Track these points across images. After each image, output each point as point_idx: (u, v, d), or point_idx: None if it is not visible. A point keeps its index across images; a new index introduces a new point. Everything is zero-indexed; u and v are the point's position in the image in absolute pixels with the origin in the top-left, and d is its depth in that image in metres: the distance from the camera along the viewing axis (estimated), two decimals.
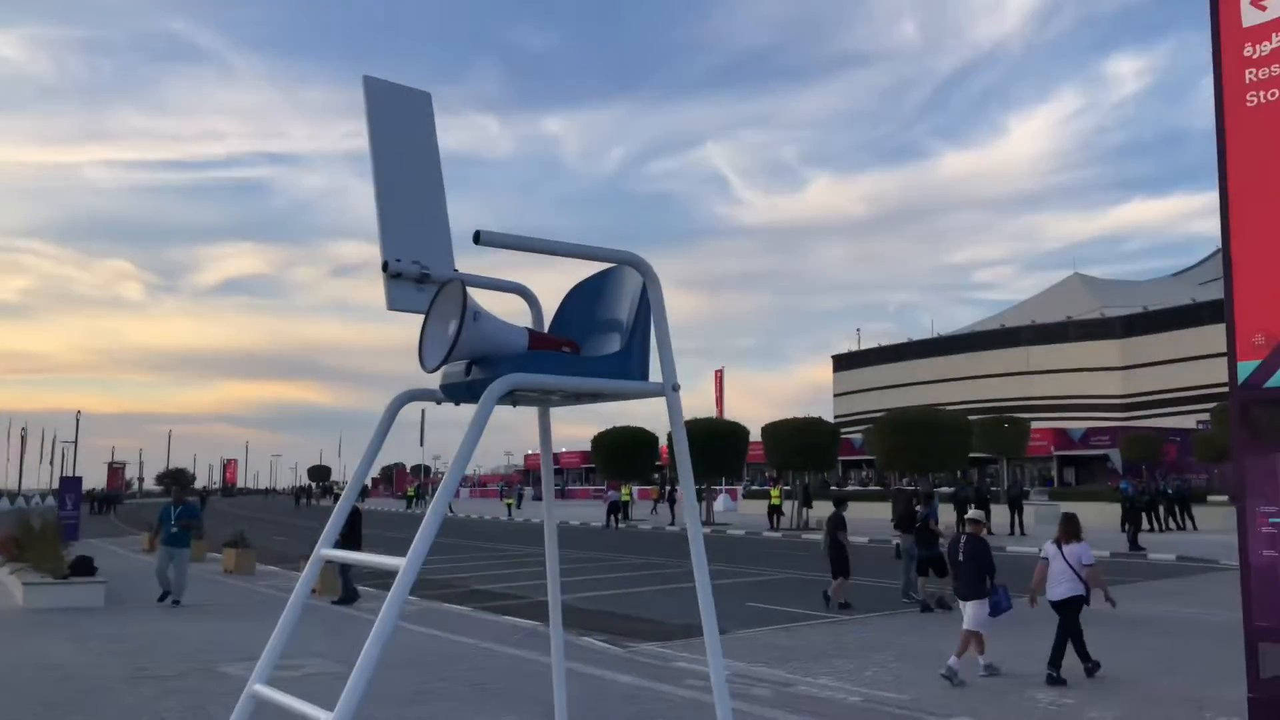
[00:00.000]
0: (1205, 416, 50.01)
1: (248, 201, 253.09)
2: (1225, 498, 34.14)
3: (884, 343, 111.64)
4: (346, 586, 15.69)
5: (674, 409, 2.93)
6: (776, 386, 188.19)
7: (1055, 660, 9.49)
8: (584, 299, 3.20)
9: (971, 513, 11.41)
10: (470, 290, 2.63)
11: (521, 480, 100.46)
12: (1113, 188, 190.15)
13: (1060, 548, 9.85)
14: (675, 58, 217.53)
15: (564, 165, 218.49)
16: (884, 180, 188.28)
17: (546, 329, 3.22)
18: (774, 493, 36.41)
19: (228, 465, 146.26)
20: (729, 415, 43.48)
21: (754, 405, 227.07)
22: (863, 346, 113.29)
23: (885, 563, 22.49)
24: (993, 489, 36.37)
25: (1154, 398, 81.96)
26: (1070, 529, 9.94)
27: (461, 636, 12.12)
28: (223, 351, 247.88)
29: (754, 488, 55.13)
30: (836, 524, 15.30)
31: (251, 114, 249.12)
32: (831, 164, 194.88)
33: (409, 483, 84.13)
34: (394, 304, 2.83)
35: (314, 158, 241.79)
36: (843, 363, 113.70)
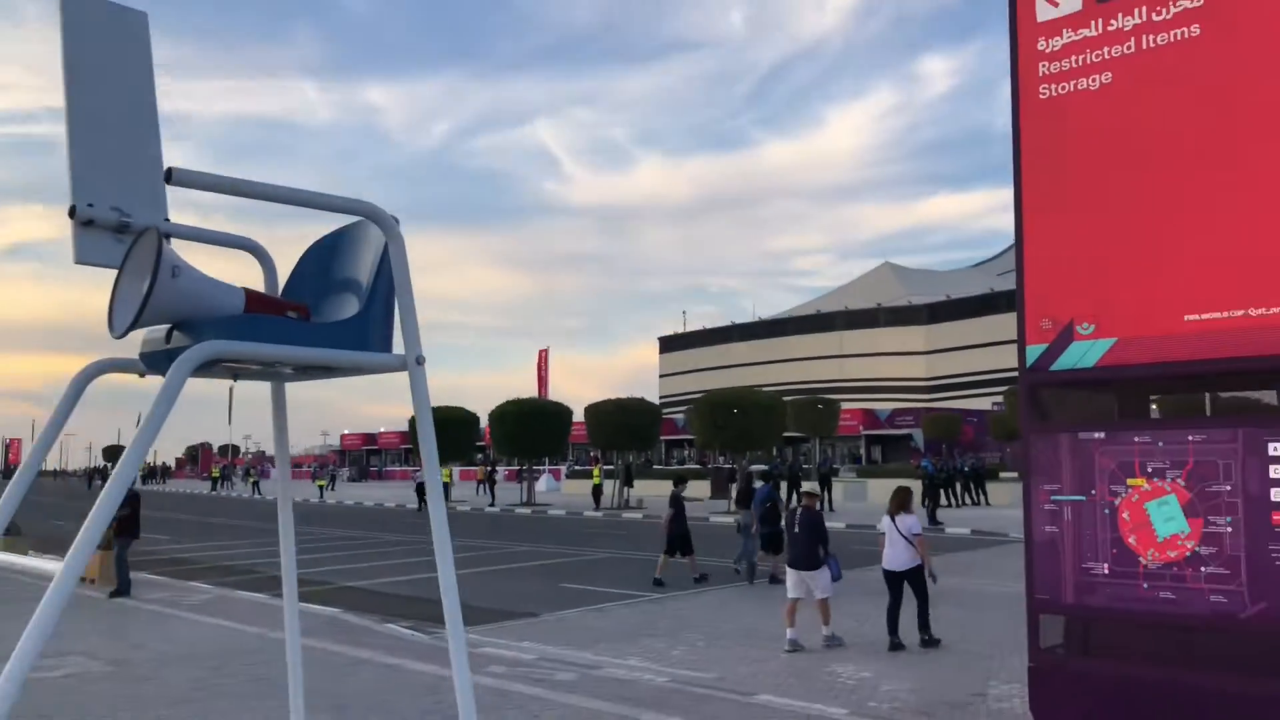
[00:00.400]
0: (1000, 399, 53.57)
1: (39, 160, 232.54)
2: (1015, 474, 36.58)
3: (708, 325, 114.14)
4: (121, 576, 14.44)
5: (417, 385, 2.58)
6: (604, 367, 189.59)
7: (924, 623, 9.99)
8: (320, 258, 2.79)
9: (806, 486, 11.85)
10: (179, 244, 2.20)
11: (337, 461, 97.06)
12: (922, 182, 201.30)
13: (894, 520, 10.18)
14: (505, 32, 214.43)
15: (386, 135, 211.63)
16: (711, 166, 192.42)
17: (281, 292, 2.78)
18: (595, 472, 36.42)
19: (10, 445, 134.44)
20: (556, 396, 43.19)
21: (582, 386, 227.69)
22: (688, 328, 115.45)
23: (700, 540, 22.82)
24: (804, 467, 37.68)
25: (955, 381, 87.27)
26: (900, 501, 10.31)
27: (251, 626, 11.34)
28: (9, 321, 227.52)
29: (577, 468, 55.11)
30: (675, 502, 15.73)
31: (44, 66, 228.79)
32: (660, 147, 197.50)
33: (215, 463, 79.62)
34: (82, 256, 2.36)
35: None
36: (669, 344, 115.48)
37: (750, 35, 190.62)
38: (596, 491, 34.88)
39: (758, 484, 16.83)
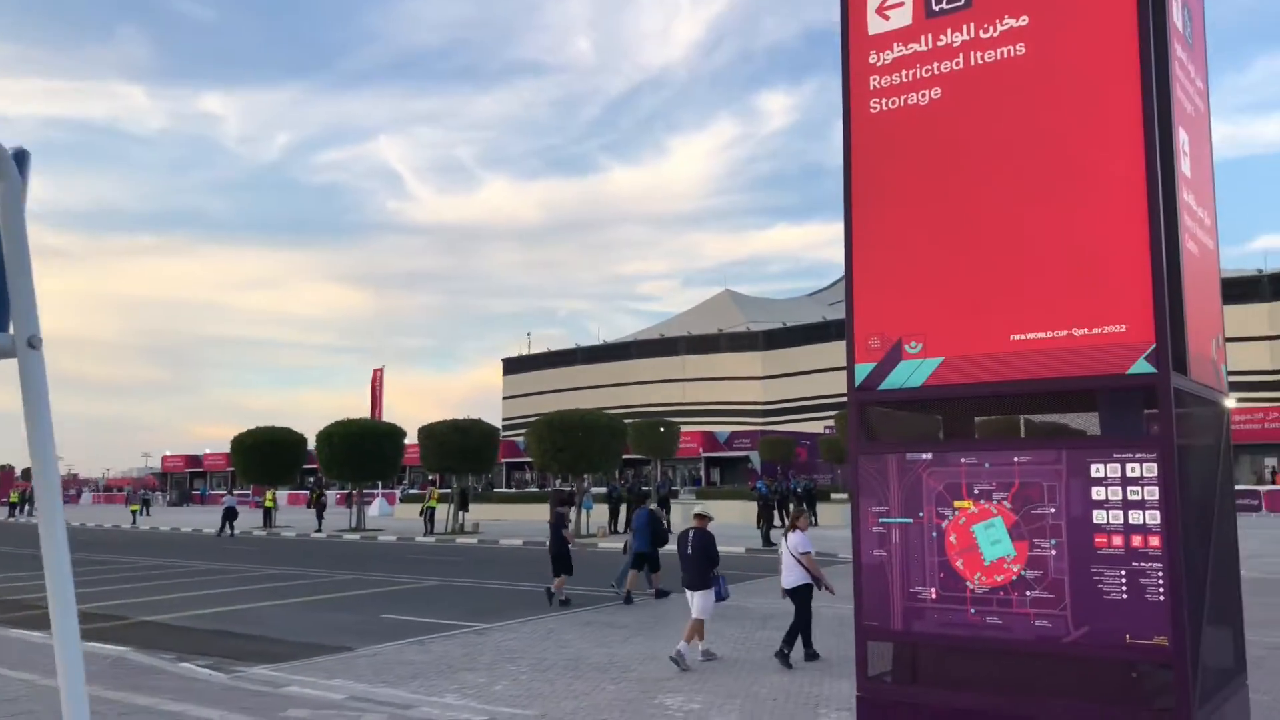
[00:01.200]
0: (831, 423, 55.18)
1: None
2: (847, 496, 37.54)
3: (553, 348, 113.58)
4: None
5: (30, 374, 1.90)
6: (446, 388, 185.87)
7: (789, 639, 10.15)
8: None
9: (698, 508, 12.02)
10: None
11: (157, 485, 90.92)
12: (760, 213, 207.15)
13: (785, 539, 10.57)
14: (349, 46, 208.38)
15: (221, 147, 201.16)
16: (558, 189, 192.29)
17: None
18: (433, 495, 35.19)
19: None
20: (393, 417, 41.48)
21: (423, 407, 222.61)
22: (533, 350, 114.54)
23: (531, 565, 22.21)
24: (644, 488, 37.55)
25: (790, 405, 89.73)
26: (793, 521, 10.72)
27: (19, 672, 10.04)
28: None
29: (412, 491, 53.26)
30: (559, 522, 16.05)
31: None
32: (507, 169, 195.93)
33: (15, 487, 72.99)
34: None
35: None
36: (512, 366, 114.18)
37: (598, 62, 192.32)
38: (429, 516, 33.64)
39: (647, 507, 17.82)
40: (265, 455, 37.82)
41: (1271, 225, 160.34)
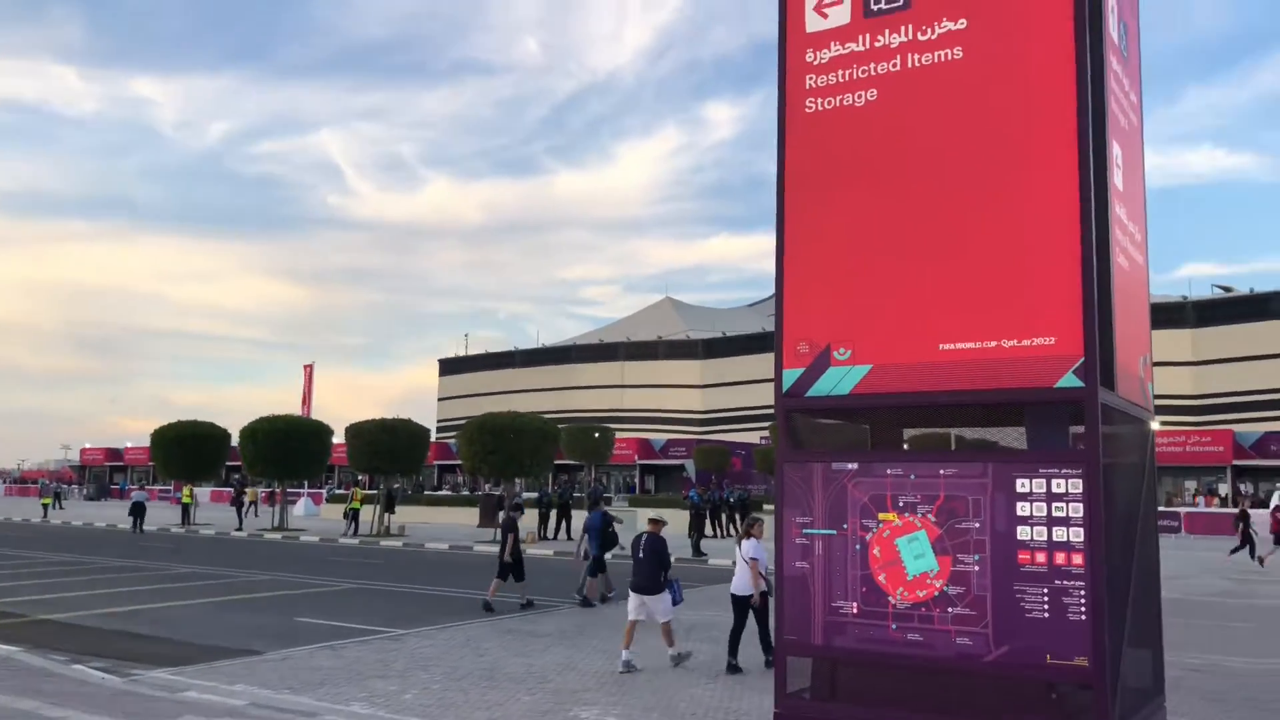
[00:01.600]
0: (766, 433, 55.43)
1: None
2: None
3: (492, 349, 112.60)
4: None
5: None
6: (382, 387, 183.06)
7: (765, 645, 10.18)
8: None
9: (652, 514, 12.07)
10: None
11: (74, 477, 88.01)
12: (704, 222, 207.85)
13: (739, 546, 10.69)
14: (292, 36, 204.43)
15: (156, 132, 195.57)
16: (502, 190, 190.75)
17: None
18: (357, 494, 34.40)
19: None
20: (326, 415, 40.30)
21: (357, 406, 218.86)
22: (470, 352, 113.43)
23: (456, 570, 21.78)
24: (575, 494, 37.19)
25: (728, 414, 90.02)
26: (747, 528, 10.76)
27: None
28: None
29: (338, 491, 52.10)
30: (510, 527, 15.83)
31: None
32: (450, 168, 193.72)
33: None
34: None
35: None
36: (449, 367, 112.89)
37: (546, 64, 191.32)
38: (353, 517, 32.84)
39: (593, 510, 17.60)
40: (187, 450, 36.60)
41: (1197, 254, 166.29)
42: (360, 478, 53.92)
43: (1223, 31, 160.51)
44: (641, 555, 10.81)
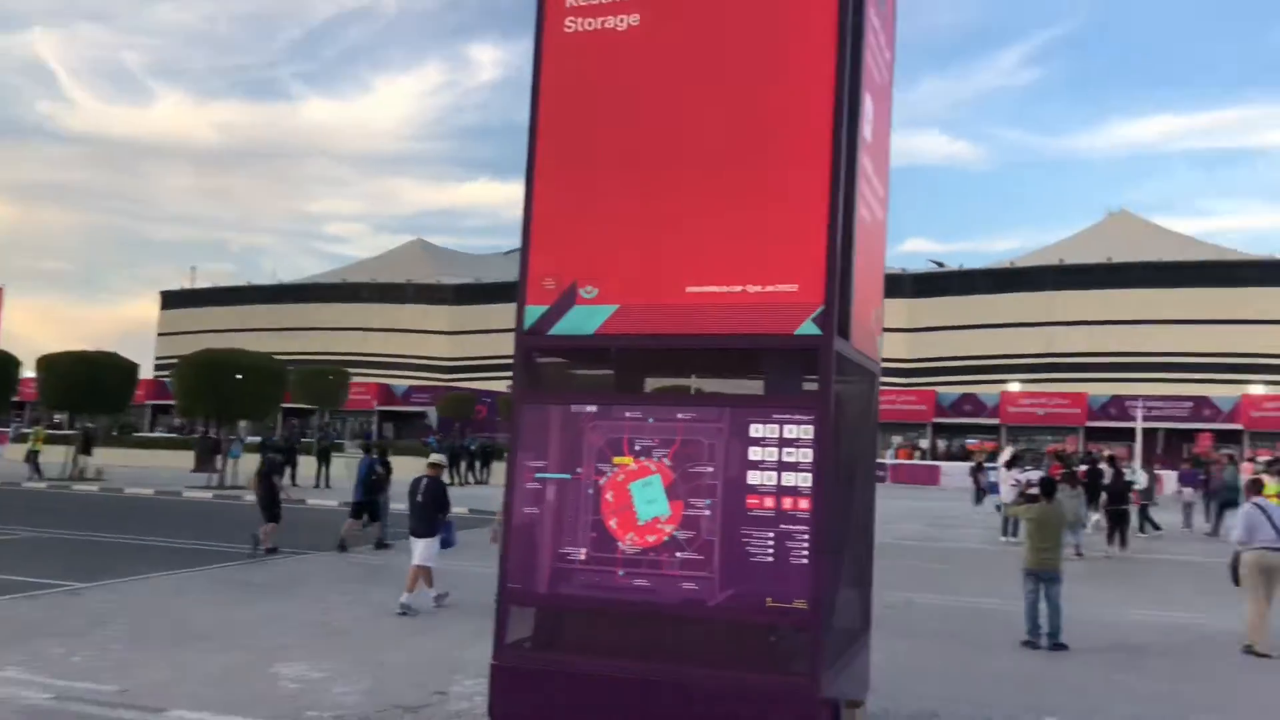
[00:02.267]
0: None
1: None
2: None
3: (222, 284, 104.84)
4: None
5: None
6: (94, 319, 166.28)
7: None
8: None
9: (433, 457, 12.01)
10: None
11: None
12: (462, 165, 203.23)
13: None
14: None
15: None
16: (242, 112, 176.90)
17: None
18: (38, 434, 30.69)
19: None
20: (19, 347, 34.45)
21: (63, 338, 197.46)
22: (197, 285, 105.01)
23: (159, 517, 19.90)
24: (303, 439, 35.21)
25: (477, 362, 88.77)
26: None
27: None
28: None
29: (25, 430, 46.42)
30: (271, 468, 15.58)
31: None
32: (183, 84, 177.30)
33: None
34: None
35: None
36: (172, 300, 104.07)
37: None
38: (32, 458, 29.24)
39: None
40: None
41: (920, 230, 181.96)
42: (58, 418, 48.56)
43: (961, 25, 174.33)
44: (420, 499, 10.83)
